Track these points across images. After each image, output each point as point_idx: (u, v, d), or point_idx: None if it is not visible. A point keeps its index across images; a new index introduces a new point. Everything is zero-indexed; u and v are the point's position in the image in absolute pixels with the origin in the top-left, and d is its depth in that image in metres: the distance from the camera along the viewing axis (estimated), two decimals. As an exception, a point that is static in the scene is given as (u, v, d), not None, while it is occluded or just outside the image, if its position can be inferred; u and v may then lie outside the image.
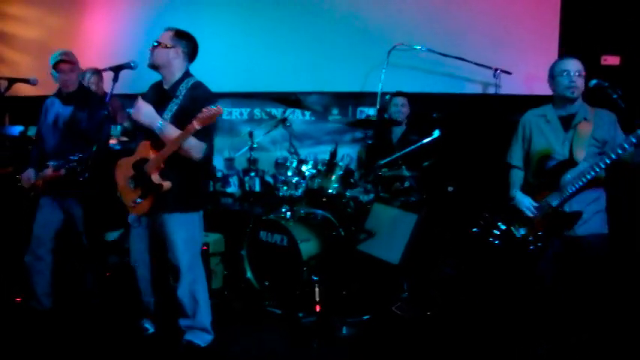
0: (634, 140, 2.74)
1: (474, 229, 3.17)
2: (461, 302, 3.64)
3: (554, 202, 3.07)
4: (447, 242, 4.14)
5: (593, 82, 2.91)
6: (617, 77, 3.14)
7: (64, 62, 3.70)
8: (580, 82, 3.10)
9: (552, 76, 3.18)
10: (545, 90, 4.87)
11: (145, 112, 3.05)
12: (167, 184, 3.06)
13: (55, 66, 3.71)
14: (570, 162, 3.06)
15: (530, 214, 3.15)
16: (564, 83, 3.11)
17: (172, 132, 3.01)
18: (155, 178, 3.05)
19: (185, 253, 3.21)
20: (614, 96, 2.82)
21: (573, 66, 3.11)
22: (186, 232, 3.21)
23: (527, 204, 3.17)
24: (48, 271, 3.80)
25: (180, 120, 3.04)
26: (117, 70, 3.19)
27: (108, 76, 4.90)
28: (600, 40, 4.76)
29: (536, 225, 3.11)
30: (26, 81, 3.70)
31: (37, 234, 3.77)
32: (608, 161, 2.86)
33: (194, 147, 3.02)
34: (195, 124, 2.86)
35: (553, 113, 3.22)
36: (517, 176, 3.37)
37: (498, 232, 3.12)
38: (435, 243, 4.21)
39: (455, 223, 4.20)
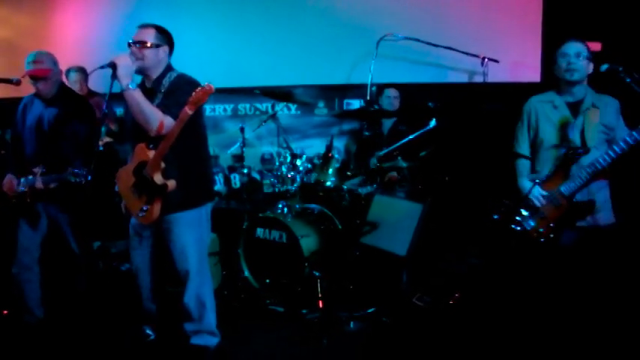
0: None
1: (495, 216, 3.12)
2: (483, 293, 3.62)
3: (567, 192, 3.00)
4: (464, 231, 4.12)
5: (605, 66, 2.86)
6: (598, 63, 3.14)
7: (37, 71, 3.42)
8: (581, 64, 3.03)
9: (554, 61, 3.14)
10: (529, 77, 5.01)
11: (125, 64, 2.86)
12: (172, 183, 2.93)
13: (28, 75, 3.44)
14: (582, 149, 2.98)
15: (539, 205, 3.08)
16: (563, 66, 3.06)
17: (140, 98, 2.84)
18: (158, 179, 2.91)
19: (194, 256, 3.10)
20: (628, 80, 2.77)
21: (572, 48, 3.06)
22: (194, 234, 3.11)
23: (536, 194, 3.08)
24: (37, 280, 3.62)
25: (160, 108, 2.92)
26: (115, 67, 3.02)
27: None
28: (582, 27, 4.81)
29: (547, 216, 3.05)
30: (9, 81, 3.48)
31: (23, 243, 3.58)
32: (619, 151, 2.84)
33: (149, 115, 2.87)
34: (188, 109, 2.74)
35: (560, 99, 3.14)
36: (524, 166, 3.27)
37: (520, 219, 3.08)
38: (445, 233, 4.21)
39: (463, 212, 4.20)
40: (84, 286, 3.75)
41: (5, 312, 3.79)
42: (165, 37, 3.10)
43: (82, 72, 4.86)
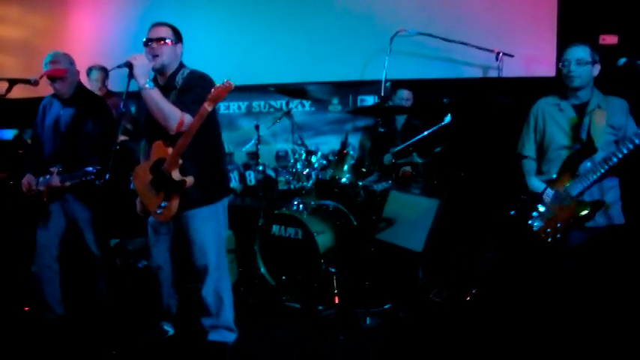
0: None
1: (512, 212, 3.13)
2: (499, 288, 3.61)
3: (575, 192, 3.01)
4: (480, 227, 4.11)
5: (623, 60, 2.85)
6: (615, 57, 3.12)
7: (54, 71, 3.47)
8: (581, 71, 3.06)
9: (560, 65, 3.17)
10: (544, 72, 4.97)
11: (141, 63, 2.89)
12: (190, 179, 2.95)
13: (46, 76, 3.48)
14: (589, 150, 3.01)
15: (549, 205, 3.08)
16: (563, 72, 3.12)
17: (158, 97, 2.88)
18: (176, 175, 2.94)
19: (212, 251, 3.14)
20: None
21: (573, 54, 3.08)
22: (212, 229, 3.14)
23: (545, 194, 3.10)
24: (57, 278, 3.68)
25: (178, 106, 2.94)
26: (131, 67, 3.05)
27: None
28: (598, 20, 4.77)
29: (555, 216, 3.05)
30: (27, 81, 3.53)
31: (42, 242, 3.63)
32: (626, 151, 2.85)
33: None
34: (207, 106, 2.77)
35: (566, 102, 3.19)
36: (530, 166, 3.33)
37: (537, 214, 3.08)
38: (461, 228, 4.19)
39: (478, 208, 4.19)
40: (104, 288, 3.78)
41: (27, 308, 3.85)
42: (178, 35, 3.15)
43: (104, 71, 4.91)
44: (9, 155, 5.13)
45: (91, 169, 3.19)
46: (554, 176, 3.12)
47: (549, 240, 3.05)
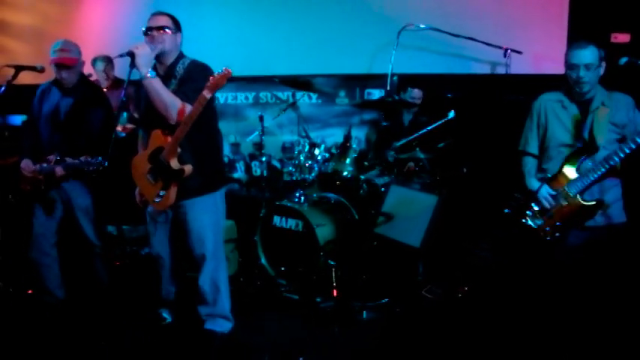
0: None
1: (506, 210, 3.11)
2: (493, 286, 3.61)
3: (574, 191, 2.98)
4: (477, 224, 4.10)
5: (624, 59, 2.83)
6: (627, 55, 3.06)
7: (64, 59, 3.47)
8: (591, 76, 2.97)
9: (565, 65, 3.06)
10: (554, 69, 4.91)
11: (143, 53, 2.90)
12: (188, 168, 2.98)
13: (54, 63, 3.48)
14: (590, 148, 2.96)
15: (547, 205, 3.06)
16: (572, 78, 3.00)
17: (159, 86, 2.91)
18: (174, 164, 2.96)
19: (210, 240, 3.17)
20: None
21: (581, 58, 2.95)
22: (209, 218, 3.17)
23: (544, 193, 3.07)
24: (56, 264, 3.72)
25: (178, 95, 2.97)
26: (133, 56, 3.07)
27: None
28: (610, 18, 4.70)
29: (554, 215, 3.03)
30: (33, 68, 3.57)
31: (38, 230, 3.65)
32: (627, 150, 2.80)
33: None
34: (206, 94, 2.78)
35: (569, 99, 3.10)
36: (532, 165, 3.25)
37: (531, 213, 3.06)
38: (460, 225, 4.18)
39: (478, 205, 4.17)
40: (105, 275, 3.83)
41: (30, 291, 3.89)
42: (178, 25, 3.18)
43: (109, 61, 4.94)
44: (18, 140, 5.18)
45: (92, 159, 3.21)
46: (554, 174, 3.08)
47: (548, 238, 3.04)
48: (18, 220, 4.05)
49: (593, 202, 2.96)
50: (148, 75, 2.90)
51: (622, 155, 2.83)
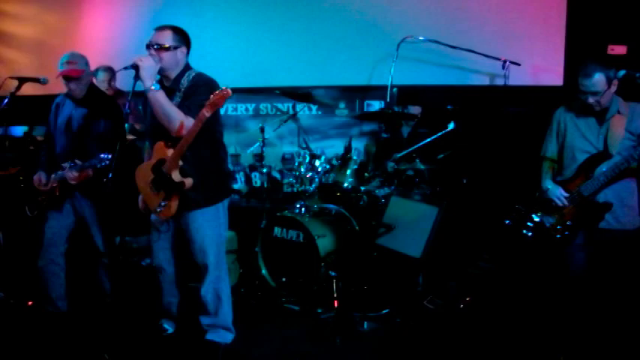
0: None
1: (507, 221, 3.16)
2: (494, 296, 3.62)
3: (586, 192, 3.12)
4: (478, 235, 4.12)
5: (622, 72, 2.93)
6: (624, 67, 3.12)
7: (70, 71, 3.50)
8: (599, 99, 3.06)
9: (576, 83, 3.15)
10: (552, 81, 4.95)
11: (147, 65, 2.93)
12: (189, 181, 3.01)
13: (62, 75, 3.51)
14: (605, 154, 3.10)
15: (560, 204, 3.20)
16: (582, 99, 3.12)
17: (163, 99, 2.93)
18: (176, 176, 2.99)
19: (212, 250, 3.19)
20: None
21: (588, 86, 3.05)
22: (212, 229, 3.19)
23: (557, 194, 3.23)
24: (62, 273, 3.74)
25: (182, 109, 2.99)
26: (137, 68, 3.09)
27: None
28: (607, 30, 4.75)
29: (566, 214, 3.16)
30: (37, 80, 3.62)
31: (50, 237, 3.68)
32: (632, 160, 2.91)
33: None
34: (205, 112, 2.81)
35: (586, 108, 3.20)
36: (549, 168, 3.41)
37: (532, 224, 3.12)
38: (460, 236, 4.20)
39: (478, 216, 4.19)
40: (108, 285, 3.83)
41: (30, 303, 3.90)
42: (182, 38, 3.15)
43: (110, 71, 4.96)
44: (20, 151, 5.21)
45: (104, 155, 3.25)
46: (569, 177, 3.23)
47: (558, 236, 3.15)
48: (23, 231, 4.07)
49: (602, 204, 3.06)
50: (152, 88, 2.92)
51: (633, 160, 2.95)
